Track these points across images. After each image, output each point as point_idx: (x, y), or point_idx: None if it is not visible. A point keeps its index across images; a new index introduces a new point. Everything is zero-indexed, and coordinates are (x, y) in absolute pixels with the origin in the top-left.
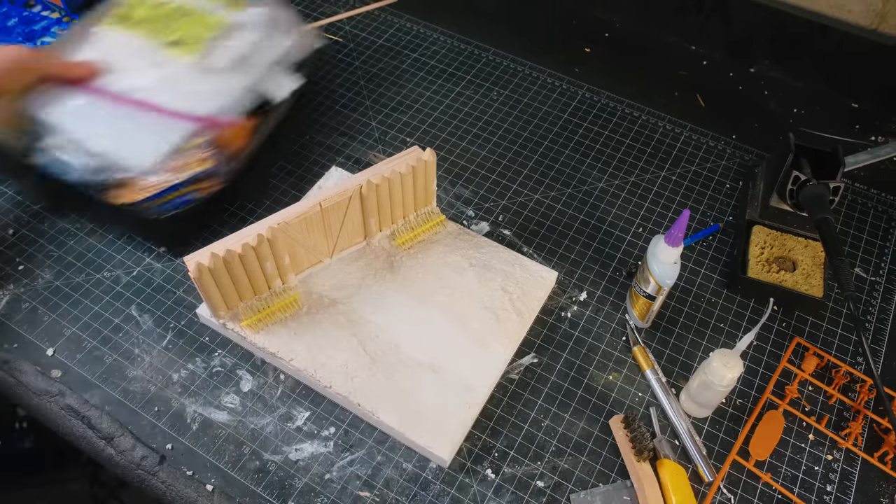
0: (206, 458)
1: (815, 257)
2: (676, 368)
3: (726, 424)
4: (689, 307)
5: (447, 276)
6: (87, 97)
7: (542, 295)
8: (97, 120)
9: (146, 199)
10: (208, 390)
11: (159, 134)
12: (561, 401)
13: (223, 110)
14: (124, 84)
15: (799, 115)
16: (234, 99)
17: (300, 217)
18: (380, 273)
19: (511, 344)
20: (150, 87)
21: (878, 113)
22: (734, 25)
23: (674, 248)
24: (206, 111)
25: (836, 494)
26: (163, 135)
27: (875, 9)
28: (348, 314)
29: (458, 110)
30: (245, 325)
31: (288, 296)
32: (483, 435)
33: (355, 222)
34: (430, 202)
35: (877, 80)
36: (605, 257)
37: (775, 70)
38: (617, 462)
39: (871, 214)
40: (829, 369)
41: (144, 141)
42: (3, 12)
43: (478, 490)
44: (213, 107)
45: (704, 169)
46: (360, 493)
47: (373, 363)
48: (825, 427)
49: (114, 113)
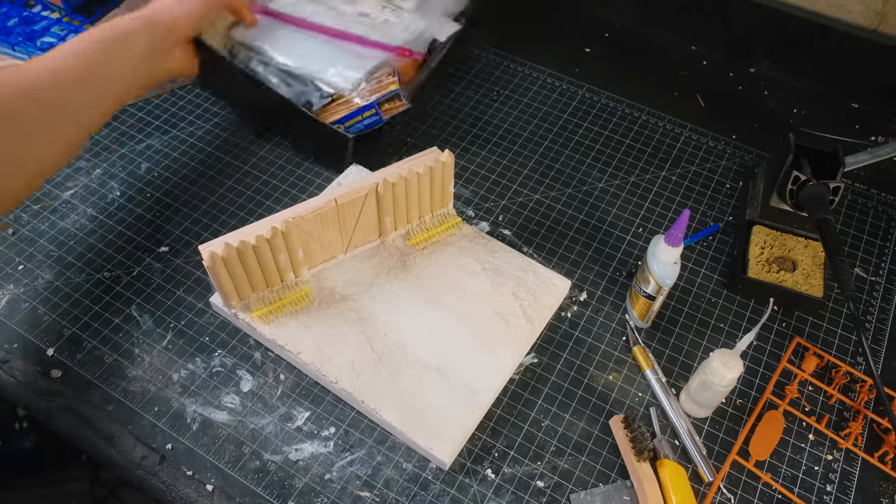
0: (206, 458)
1: (816, 257)
2: (676, 368)
3: (726, 424)
4: (689, 307)
5: (459, 278)
6: (291, 27)
7: (554, 303)
8: (301, 46)
9: (341, 118)
10: (208, 390)
11: (356, 60)
12: (561, 401)
13: (406, 44)
14: (325, 17)
15: (799, 115)
16: (414, 36)
17: (315, 212)
18: (392, 272)
19: (519, 350)
20: (347, 21)
21: (879, 113)
22: (734, 25)
23: (674, 248)
24: (395, 43)
25: (836, 494)
26: (359, 61)
27: (875, 9)
28: (358, 311)
29: (458, 110)
30: (255, 316)
31: (300, 289)
32: (483, 435)
33: (370, 220)
34: (447, 203)
35: (877, 80)
36: (605, 257)
37: (775, 70)
38: (617, 462)
39: (871, 214)
40: (829, 369)
41: (344, 66)
42: (2, 12)
43: (478, 490)
44: (398, 40)
45: (704, 169)
46: (360, 493)
47: (379, 361)
48: (825, 427)
49: (315, 41)
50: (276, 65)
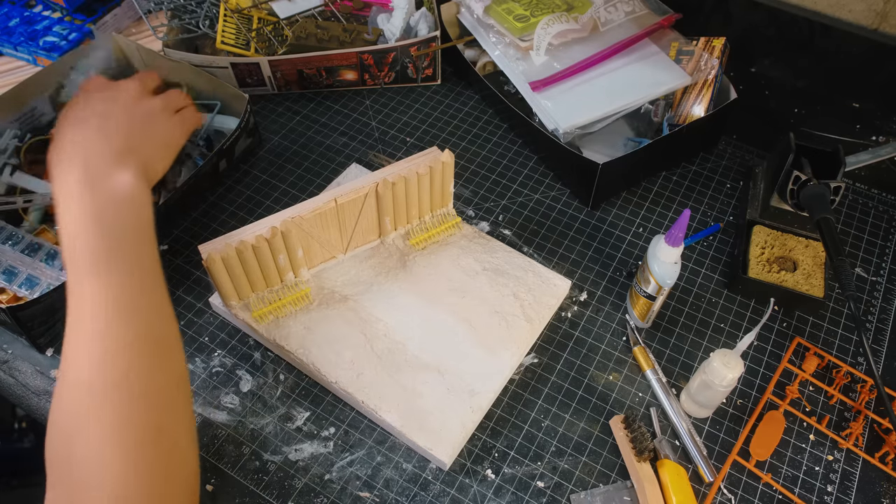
0: (205, 459)
1: (816, 257)
2: (677, 368)
3: (727, 425)
4: (689, 307)
5: (459, 278)
6: (570, 81)
7: (555, 303)
8: (597, 90)
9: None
10: (208, 390)
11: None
12: (561, 401)
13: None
14: (581, 49)
15: (799, 114)
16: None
17: (315, 212)
18: (392, 272)
19: (519, 350)
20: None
21: (879, 112)
22: (734, 25)
23: (674, 248)
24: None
25: (836, 495)
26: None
27: (876, 8)
28: (358, 311)
29: (459, 109)
30: (255, 316)
31: (299, 289)
32: (483, 435)
33: (370, 220)
34: (447, 203)
35: (878, 79)
36: (605, 257)
37: (776, 69)
38: (617, 462)
39: (872, 214)
40: (830, 369)
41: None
42: (3, 13)
43: (478, 490)
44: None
45: (705, 169)
46: (359, 493)
47: (379, 361)
48: (826, 427)
49: (598, 77)
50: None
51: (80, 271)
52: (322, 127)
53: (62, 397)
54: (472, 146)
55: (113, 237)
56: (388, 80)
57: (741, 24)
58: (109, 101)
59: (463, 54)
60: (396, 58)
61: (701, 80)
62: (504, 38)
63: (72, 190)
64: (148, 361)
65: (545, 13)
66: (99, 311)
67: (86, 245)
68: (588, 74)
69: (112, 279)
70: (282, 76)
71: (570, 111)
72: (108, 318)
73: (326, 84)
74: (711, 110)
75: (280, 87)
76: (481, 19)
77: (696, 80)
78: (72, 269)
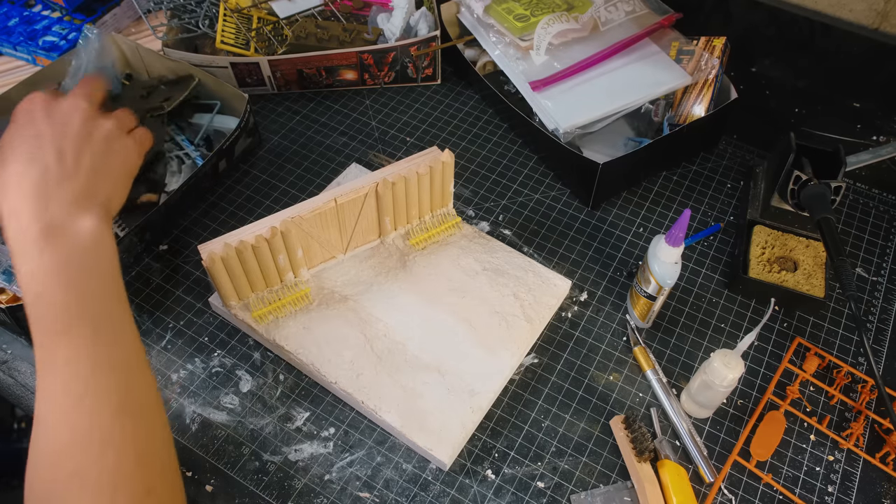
0: (205, 459)
1: (817, 257)
2: (677, 369)
3: (727, 425)
4: (689, 307)
5: (459, 278)
6: (569, 81)
7: (555, 303)
8: (599, 89)
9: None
10: (207, 391)
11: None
12: (561, 401)
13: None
14: (582, 49)
15: (800, 114)
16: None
17: (315, 212)
18: (392, 272)
19: (519, 350)
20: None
21: (880, 112)
22: (735, 25)
23: (674, 248)
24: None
25: (837, 495)
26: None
27: (877, 8)
28: (358, 311)
29: (459, 109)
30: (255, 317)
31: (299, 289)
32: (483, 435)
33: (370, 220)
34: (447, 203)
35: (878, 79)
36: (605, 257)
37: (776, 69)
38: (617, 463)
39: (873, 214)
40: (831, 370)
41: (656, 73)
42: (3, 12)
43: (478, 491)
44: (649, 22)
45: (705, 169)
46: (359, 493)
47: (379, 361)
48: (826, 428)
49: (598, 76)
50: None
51: (47, 331)
52: (322, 127)
53: (38, 465)
54: (472, 146)
55: (80, 291)
56: (388, 79)
57: (742, 24)
58: (59, 127)
59: (463, 54)
60: (396, 57)
61: (701, 79)
62: (504, 37)
63: (30, 241)
64: (132, 420)
65: (545, 13)
66: (74, 372)
67: (52, 302)
68: (588, 74)
69: (84, 337)
70: (281, 76)
71: (571, 111)
72: (85, 379)
73: (326, 84)
74: (712, 110)
75: (280, 87)
76: (481, 19)
77: (697, 80)
78: (37, 328)
